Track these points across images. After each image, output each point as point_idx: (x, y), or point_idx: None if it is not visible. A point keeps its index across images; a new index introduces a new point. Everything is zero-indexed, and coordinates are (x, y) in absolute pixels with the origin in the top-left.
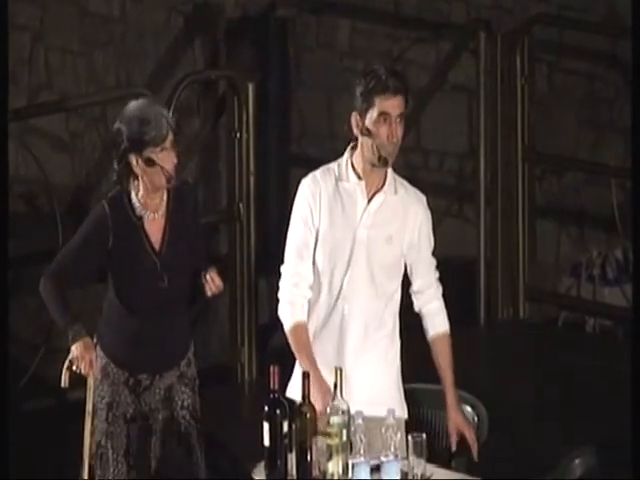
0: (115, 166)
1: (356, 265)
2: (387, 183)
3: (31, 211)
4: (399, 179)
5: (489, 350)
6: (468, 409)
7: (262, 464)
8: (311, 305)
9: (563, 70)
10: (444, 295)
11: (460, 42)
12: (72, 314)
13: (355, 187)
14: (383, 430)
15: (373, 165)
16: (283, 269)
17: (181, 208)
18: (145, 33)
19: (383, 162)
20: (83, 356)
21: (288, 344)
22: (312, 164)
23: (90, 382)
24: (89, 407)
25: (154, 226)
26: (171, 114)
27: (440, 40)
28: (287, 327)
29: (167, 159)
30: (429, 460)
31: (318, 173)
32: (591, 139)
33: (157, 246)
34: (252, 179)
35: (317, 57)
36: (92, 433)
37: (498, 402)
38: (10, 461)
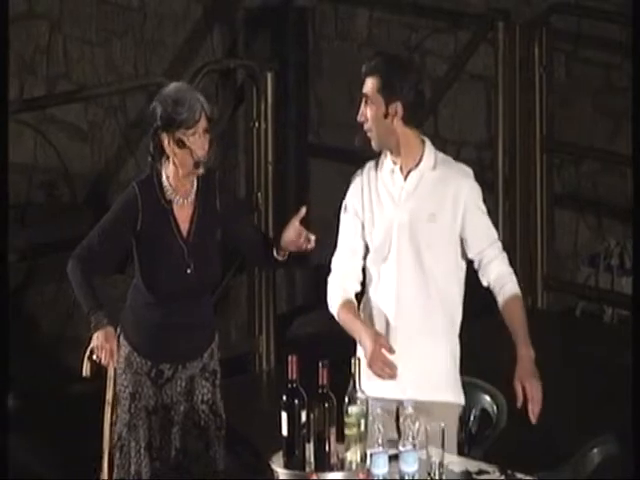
0: (150, 147)
1: (401, 249)
2: (423, 160)
3: (50, 200)
4: (441, 155)
5: (507, 340)
6: (487, 398)
7: (280, 454)
8: (362, 295)
9: (581, 59)
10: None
11: (478, 32)
12: (97, 300)
13: (391, 170)
14: (402, 419)
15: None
16: (333, 262)
17: (210, 197)
18: (164, 22)
19: (369, 143)
20: (104, 346)
21: (306, 334)
22: (330, 153)
23: (110, 372)
24: (109, 396)
25: (183, 212)
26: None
27: (458, 30)
28: (336, 307)
29: (198, 143)
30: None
31: (366, 165)
32: (609, 128)
33: (185, 232)
34: (270, 168)
35: (335, 46)
36: (112, 423)
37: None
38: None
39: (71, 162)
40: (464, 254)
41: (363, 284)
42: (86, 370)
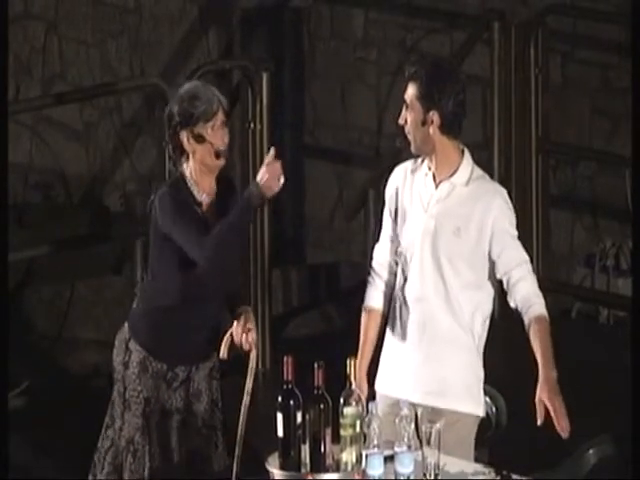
0: (169, 150)
1: (424, 255)
2: (457, 173)
3: (46, 201)
4: (477, 171)
5: (504, 341)
6: (487, 400)
7: (276, 454)
8: (392, 289)
9: (577, 60)
10: None
11: (474, 32)
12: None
13: (425, 174)
14: (397, 421)
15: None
16: (374, 250)
17: (229, 196)
18: (159, 23)
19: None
20: (242, 333)
21: (302, 335)
22: (326, 154)
23: (252, 355)
24: (248, 387)
25: (210, 210)
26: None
27: (454, 30)
28: (364, 307)
29: (218, 136)
30: None
31: (407, 162)
32: (605, 129)
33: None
34: None
35: (331, 47)
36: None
37: (515, 393)
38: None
39: (67, 163)
40: (492, 274)
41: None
42: (224, 353)
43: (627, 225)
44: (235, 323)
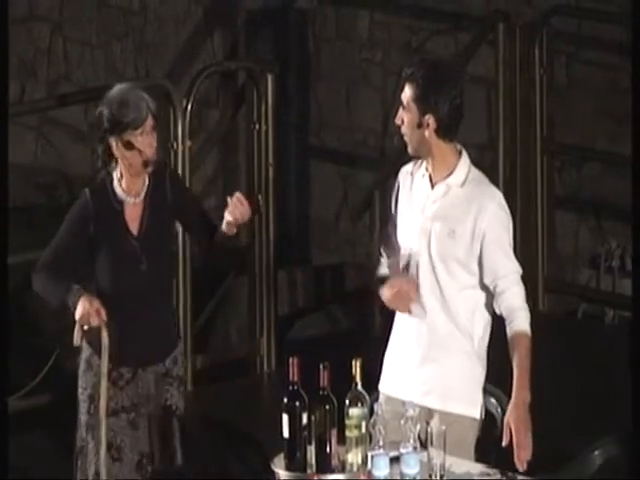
0: (98, 151)
1: (419, 256)
2: (453, 174)
3: (50, 202)
4: (475, 173)
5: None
6: (492, 401)
7: (281, 455)
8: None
9: (582, 61)
10: None
11: (479, 33)
12: (65, 284)
13: (422, 175)
14: (402, 422)
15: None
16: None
17: (161, 192)
18: (164, 24)
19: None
20: (89, 311)
21: (307, 336)
22: (331, 155)
23: (104, 335)
24: (104, 369)
25: (134, 211)
26: (190, 105)
27: (459, 31)
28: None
29: (146, 143)
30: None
31: (410, 163)
32: (610, 130)
33: (135, 230)
34: (271, 170)
35: (336, 48)
36: (108, 396)
37: None
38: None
39: (72, 164)
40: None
41: None
42: (77, 339)
43: (631, 226)
44: (78, 308)
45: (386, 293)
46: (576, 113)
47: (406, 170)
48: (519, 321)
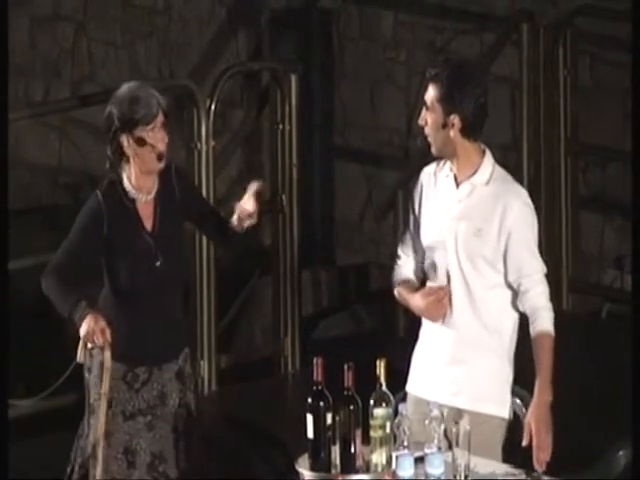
0: (107, 151)
1: (445, 256)
2: (477, 173)
3: (75, 202)
4: (499, 171)
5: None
6: (517, 401)
7: (306, 456)
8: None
9: (606, 61)
10: None
11: (503, 34)
12: (74, 297)
13: (446, 176)
14: (427, 422)
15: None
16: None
17: (169, 188)
18: (188, 25)
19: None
20: (94, 329)
21: (331, 336)
22: (355, 155)
23: (107, 362)
24: (105, 389)
25: (147, 208)
26: (214, 106)
27: (483, 32)
28: (395, 292)
29: (158, 138)
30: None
31: (433, 164)
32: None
33: (150, 227)
34: (295, 170)
35: (360, 48)
36: (106, 415)
37: None
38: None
39: (96, 164)
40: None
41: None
42: (80, 356)
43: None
44: (83, 326)
45: (418, 301)
46: (600, 113)
47: (428, 171)
48: (542, 321)
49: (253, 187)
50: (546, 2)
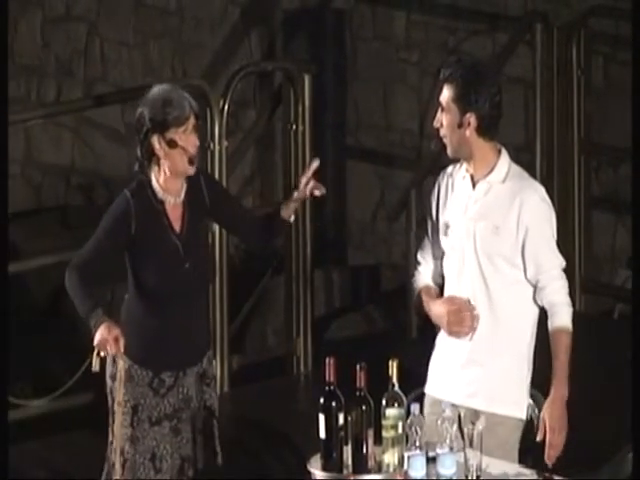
0: (137, 152)
1: (464, 256)
2: (494, 172)
3: (87, 202)
4: (515, 168)
5: (545, 342)
6: (530, 402)
7: (318, 456)
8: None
9: (619, 62)
10: None
11: (516, 34)
12: (93, 301)
13: (463, 177)
14: (439, 422)
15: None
16: (418, 253)
17: (198, 193)
18: (201, 25)
19: (445, 149)
20: (107, 338)
21: (344, 336)
22: (368, 156)
23: (120, 365)
24: (120, 398)
25: (175, 210)
26: (227, 106)
27: (496, 32)
28: (415, 295)
29: (189, 141)
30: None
31: (449, 166)
32: None
33: (178, 229)
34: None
35: (373, 49)
36: (123, 424)
37: None
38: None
39: (109, 164)
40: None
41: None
42: (95, 365)
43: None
44: (97, 334)
45: (439, 310)
46: (613, 113)
47: (445, 172)
48: (560, 316)
49: (315, 164)
50: (559, 3)
